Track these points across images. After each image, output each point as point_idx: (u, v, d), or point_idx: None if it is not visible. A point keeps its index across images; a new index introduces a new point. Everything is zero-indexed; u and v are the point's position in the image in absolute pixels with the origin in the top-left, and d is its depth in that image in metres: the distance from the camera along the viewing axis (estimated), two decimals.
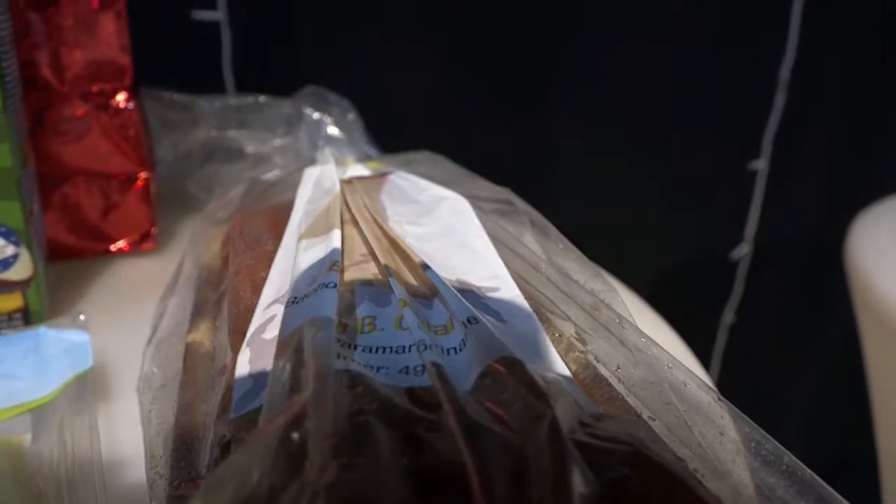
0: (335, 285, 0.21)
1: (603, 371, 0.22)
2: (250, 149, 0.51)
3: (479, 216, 0.30)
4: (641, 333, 0.23)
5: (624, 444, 0.16)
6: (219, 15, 0.64)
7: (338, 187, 0.30)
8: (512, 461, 0.15)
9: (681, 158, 0.82)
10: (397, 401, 0.17)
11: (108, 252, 0.44)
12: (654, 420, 0.20)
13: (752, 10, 0.75)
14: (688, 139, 0.81)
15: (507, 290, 0.25)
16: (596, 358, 0.22)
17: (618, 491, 0.15)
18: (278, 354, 0.19)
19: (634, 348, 0.22)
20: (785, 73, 0.78)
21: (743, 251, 0.90)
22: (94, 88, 0.40)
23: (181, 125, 0.50)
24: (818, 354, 0.97)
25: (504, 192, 0.34)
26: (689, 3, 0.72)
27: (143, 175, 0.43)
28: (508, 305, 0.24)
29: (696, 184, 0.85)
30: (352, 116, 0.52)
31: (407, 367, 0.19)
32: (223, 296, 0.29)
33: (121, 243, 0.44)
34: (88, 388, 0.28)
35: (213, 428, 0.21)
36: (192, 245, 0.36)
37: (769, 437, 0.19)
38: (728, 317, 0.91)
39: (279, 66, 0.68)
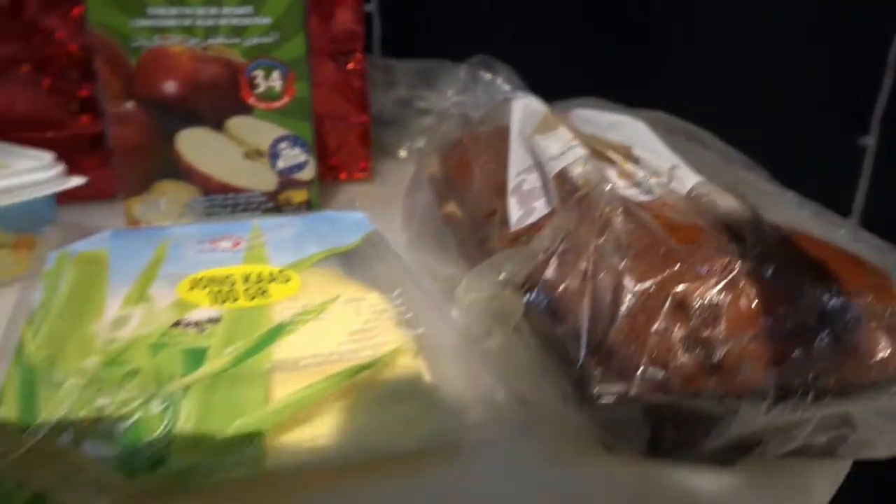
0: (579, 145, 0.32)
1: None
2: (433, 104, 0.63)
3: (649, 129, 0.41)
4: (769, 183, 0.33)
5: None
6: (371, 7, 0.77)
7: (545, 108, 0.41)
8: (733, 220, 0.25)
9: (792, 133, 0.89)
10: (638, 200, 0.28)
11: (337, 179, 0.56)
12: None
13: None
14: (800, 114, 0.88)
15: (683, 168, 0.35)
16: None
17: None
18: (559, 181, 0.30)
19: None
20: (893, 56, 0.84)
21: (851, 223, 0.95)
22: (336, 50, 0.53)
23: (381, 84, 0.62)
24: None
25: (661, 115, 0.44)
26: None
27: (364, 120, 0.56)
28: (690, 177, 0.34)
29: (806, 156, 0.91)
30: (515, 78, 0.63)
31: (637, 188, 0.30)
32: (468, 181, 0.40)
33: (345, 173, 0.56)
34: (379, 239, 0.40)
35: (497, 237, 0.32)
36: (420, 164, 0.48)
37: None
38: None
39: (421, 49, 0.80)
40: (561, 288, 0.23)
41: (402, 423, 0.24)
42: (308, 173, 0.45)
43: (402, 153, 0.64)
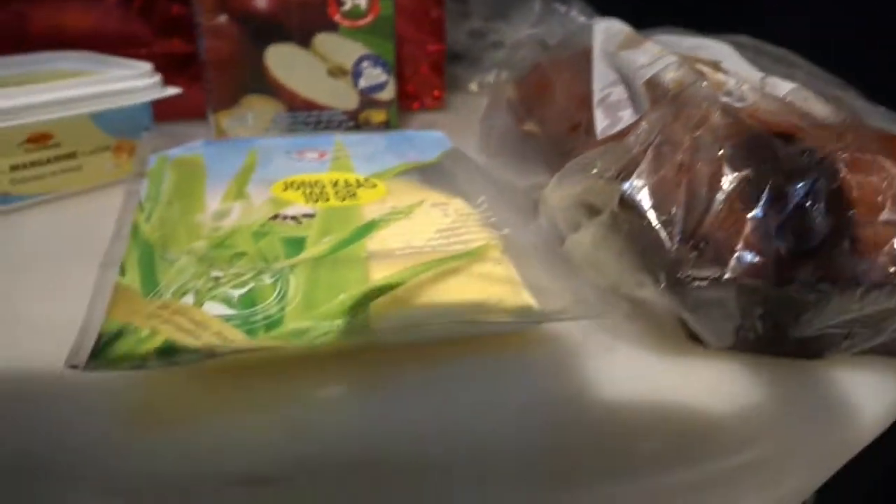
0: (669, 54, 0.32)
1: None
2: (507, 36, 0.63)
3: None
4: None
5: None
6: None
7: (627, 28, 0.41)
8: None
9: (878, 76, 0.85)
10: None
11: (410, 108, 0.57)
12: None
13: None
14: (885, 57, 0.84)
15: (774, 78, 0.35)
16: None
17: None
18: (649, 87, 0.30)
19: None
20: None
21: None
22: None
23: (455, 15, 0.62)
24: None
25: (746, 39, 0.43)
26: None
27: (440, 48, 0.56)
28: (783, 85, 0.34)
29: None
30: (589, 10, 0.62)
31: (729, 97, 0.30)
32: (547, 99, 0.40)
33: (418, 103, 0.57)
34: (459, 155, 0.41)
35: (583, 147, 0.32)
36: (497, 89, 0.48)
37: None
38: None
39: None
40: (656, 177, 0.24)
41: (492, 304, 0.25)
42: (388, 93, 0.46)
43: (474, 87, 0.65)
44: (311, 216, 0.31)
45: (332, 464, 0.21)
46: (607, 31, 0.43)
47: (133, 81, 0.39)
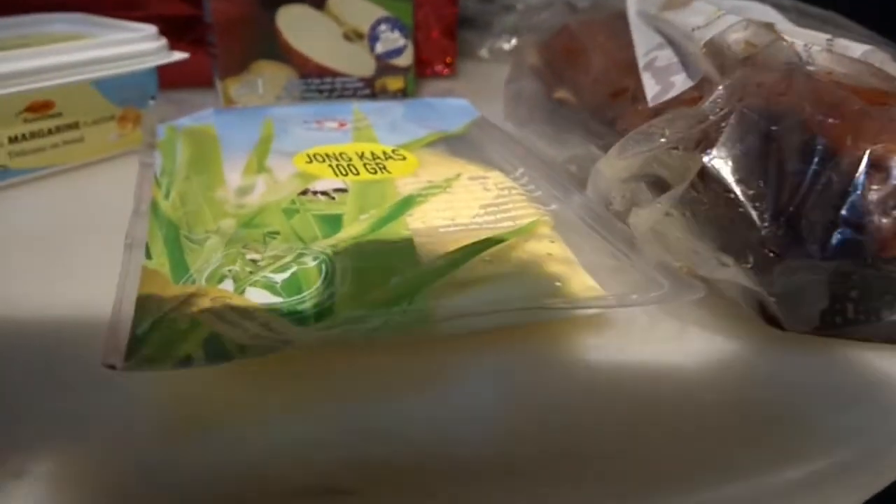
0: (729, 13, 0.30)
1: None
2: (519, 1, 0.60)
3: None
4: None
5: None
6: None
7: None
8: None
9: None
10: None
11: (423, 75, 0.54)
12: None
13: None
14: None
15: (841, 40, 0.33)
16: None
17: None
18: (710, 50, 0.28)
19: None
20: None
21: None
22: None
23: None
24: None
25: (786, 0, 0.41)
26: None
27: (452, 12, 0.53)
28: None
29: None
30: None
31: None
32: (581, 65, 0.38)
33: (429, 69, 0.54)
34: (487, 124, 0.38)
35: (631, 114, 0.30)
36: (518, 57, 0.46)
37: None
38: None
39: None
40: (742, 147, 0.22)
41: (555, 288, 0.23)
42: (405, 59, 0.44)
43: (484, 53, 0.62)
44: (343, 191, 0.29)
45: (400, 468, 0.19)
46: None
47: (138, 45, 0.36)
